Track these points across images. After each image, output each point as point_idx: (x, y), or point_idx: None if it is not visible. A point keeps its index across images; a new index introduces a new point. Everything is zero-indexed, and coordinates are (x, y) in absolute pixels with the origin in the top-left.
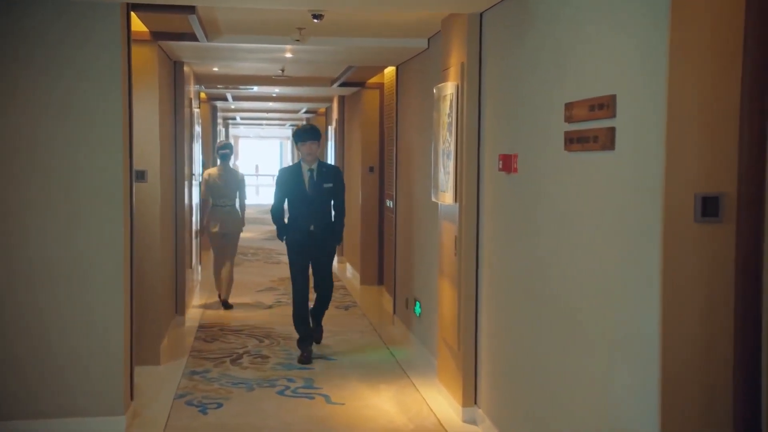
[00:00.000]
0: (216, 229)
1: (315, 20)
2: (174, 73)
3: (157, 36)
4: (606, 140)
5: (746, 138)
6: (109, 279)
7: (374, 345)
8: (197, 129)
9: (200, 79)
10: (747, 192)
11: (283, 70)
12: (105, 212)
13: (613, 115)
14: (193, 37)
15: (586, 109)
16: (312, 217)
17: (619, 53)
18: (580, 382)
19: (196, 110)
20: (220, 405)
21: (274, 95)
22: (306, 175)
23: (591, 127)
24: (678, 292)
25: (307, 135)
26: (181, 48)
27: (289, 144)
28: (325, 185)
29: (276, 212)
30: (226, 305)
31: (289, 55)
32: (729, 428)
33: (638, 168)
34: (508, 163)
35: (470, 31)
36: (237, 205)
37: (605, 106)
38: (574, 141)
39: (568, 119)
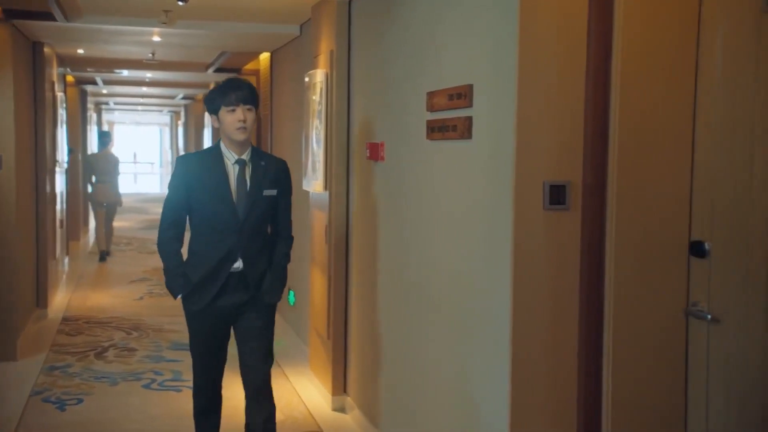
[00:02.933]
0: (99, 199)
1: (180, 3)
2: (33, 55)
3: (10, 14)
4: (464, 129)
5: (590, 129)
6: None
7: None
8: (62, 114)
9: (64, 61)
10: (591, 181)
11: (153, 54)
12: None
13: (470, 105)
14: (50, 17)
15: (445, 98)
16: (240, 246)
17: (475, 44)
18: (440, 369)
19: (60, 94)
20: (80, 401)
21: (147, 80)
22: (232, 171)
23: (450, 116)
24: (527, 278)
25: (237, 93)
26: (38, 28)
27: (168, 131)
28: (266, 192)
29: (167, 238)
30: (107, 254)
31: (157, 38)
32: (574, 406)
33: (493, 157)
34: (375, 152)
35: (339, 18)
36: (115, 181)
37: (463, 95)
38: (435, 130)
39: (430, 108)
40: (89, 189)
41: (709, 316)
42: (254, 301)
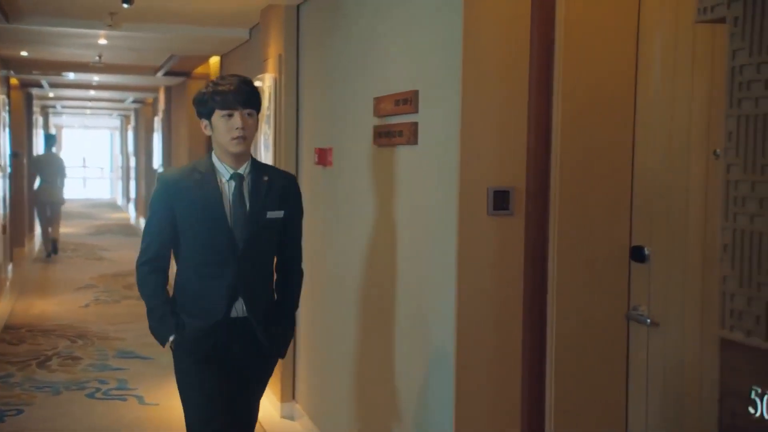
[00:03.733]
0: (42, 199)
1: (125, 5)
2: None
3: None
4: (410, 135)
5: (533, 135)
6: None
7: None
8: (4, 117)
9: (8, 63)
10: (534, 187)
11: (100, 57)
12: None
13: (416, 111)
14: None
15: (392, 103)
16: (238, 285)
17: (421, 50)
18: (387, 374)
19: (2, 97)
20: (20, 411)
21: (95, 83)
22: (226, 189)
23: (397, 122)
24: (471, 282)
25: (235, 93)
26: None
27: (118, 135)
28: (270, 214)
29: (145, 272)
30: (55, 251)
31: (103, 41)
32: (518, 407)
33: (438, 163)
34: (323, 157)
35: (287, 23)
36: (59, 182)
37: (409, 101)
38: (382, 135)
39: (377, 113)
40: (35, 187)
41: (649, 320)
42: (256, 359)
